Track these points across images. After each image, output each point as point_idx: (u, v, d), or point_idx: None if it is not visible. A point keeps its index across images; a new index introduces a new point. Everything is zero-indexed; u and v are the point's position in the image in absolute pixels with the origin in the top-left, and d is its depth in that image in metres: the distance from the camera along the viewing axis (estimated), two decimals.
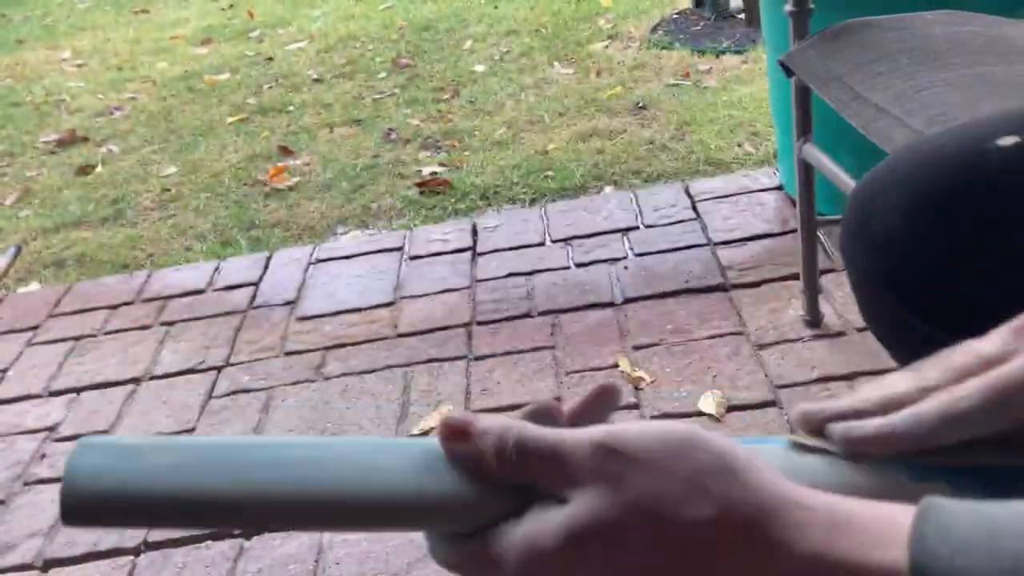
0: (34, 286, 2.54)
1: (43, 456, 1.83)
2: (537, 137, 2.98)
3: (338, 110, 3.45)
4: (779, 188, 2.38)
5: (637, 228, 2.31)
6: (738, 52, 3.41)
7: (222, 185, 2.97)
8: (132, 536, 1.60)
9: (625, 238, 2.28)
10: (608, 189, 2.60)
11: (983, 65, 1.28)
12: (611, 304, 2.03)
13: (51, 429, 1.91)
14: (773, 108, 2.32)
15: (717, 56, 3.41)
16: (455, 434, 0.41)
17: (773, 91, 2.26)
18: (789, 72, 1.55)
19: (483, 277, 2.21)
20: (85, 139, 3.53)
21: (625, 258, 2.19)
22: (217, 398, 1.91)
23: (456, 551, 0.41)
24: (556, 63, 3.61)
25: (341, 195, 2.79)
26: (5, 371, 2.12)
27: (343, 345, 2.03)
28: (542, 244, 2.32)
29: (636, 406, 1.71)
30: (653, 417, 1.68)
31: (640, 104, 3.10)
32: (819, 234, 1.98)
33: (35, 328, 2.28)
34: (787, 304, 1.93)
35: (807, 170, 1.72)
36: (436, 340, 2.00)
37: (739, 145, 2.72)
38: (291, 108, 3.54)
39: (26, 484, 1.77)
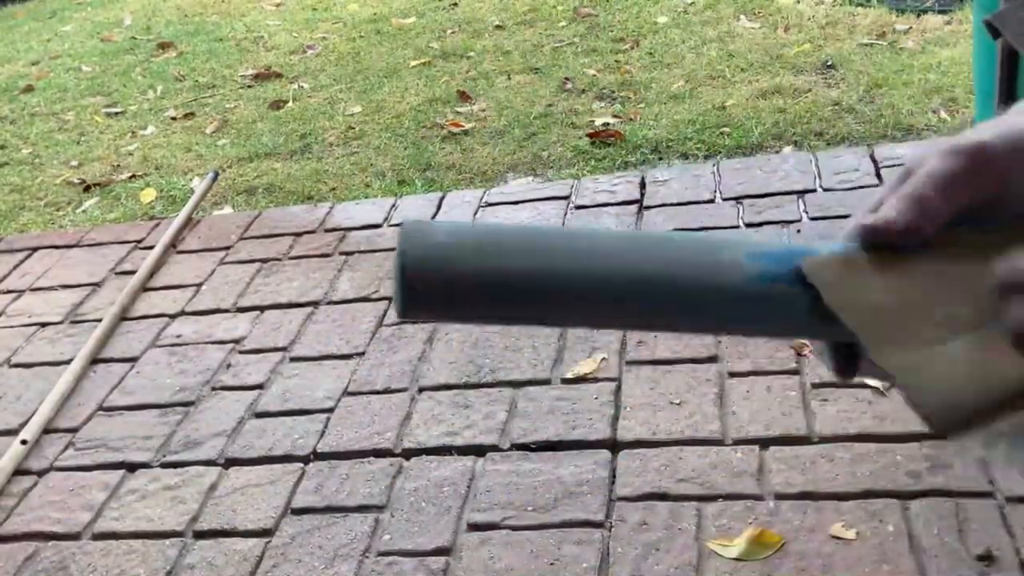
0: (227, 210, 2.74)
1: (228, 366, 2.00)
2: (716, 92, 2.91)
3: (517, 57, 3.48)
4: None
5: (814, 191, 2.23)
6: (943, 11, 3.19)
7: (402, 126, 3.08)
8: (302, 446, 1.72)
9: (800, 200, 2.21)
10: (787, 149, 2.52)
11: None
12: None
13: (237, 342, 2.07)
14: (975, 72, 2.17)
15: (918, 15, 3.20)
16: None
17: (977, 54, 2.11)
18: (996, 33, 1.45)
19: (648, 230, 2.20)
20: (279, 75, 3.73)
21: (799, 221, 2.13)
22: (387, 326, 2.02)
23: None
24: (743, 16, 3.50)
25: (514, 142, 2.84)
26: (199, 286, 2.31)
27: None
28: (712, 201, 2.28)
29: (797, 372, 1.68)
30: (814, 386, 1.65)
31: (828, 63, 2.96)
32: None
33: (227, 248, 2.46)
34: None
35: None
36: None
37: (933, 111, 2.57)
38: (472, 54, 3.61)
39: (213, 389, 1.93)
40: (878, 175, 2.25)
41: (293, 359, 1.97)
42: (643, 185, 2.41)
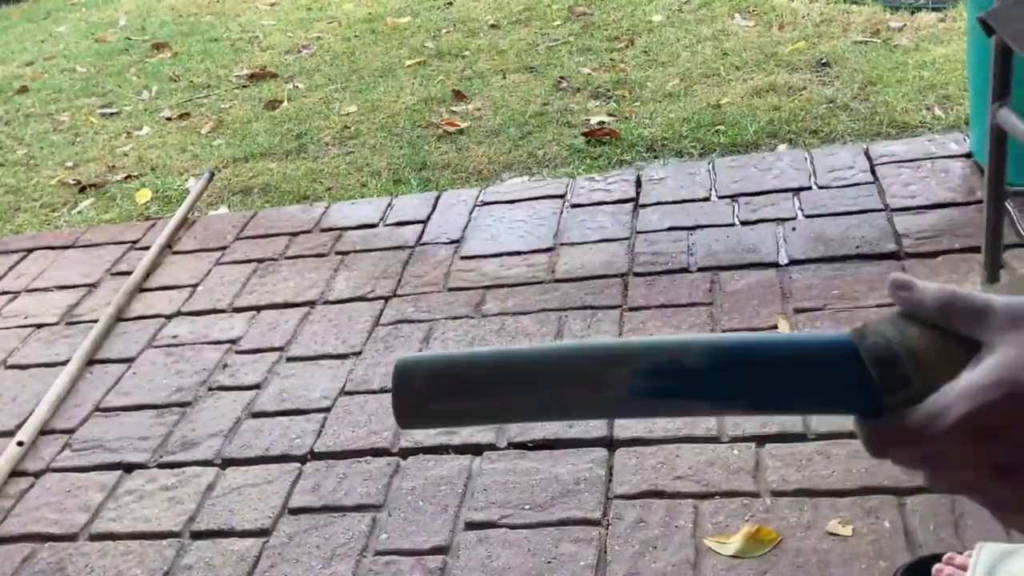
0: (223, 210, 2.73)
1: (225, 366, 2.00)
2: (711, 90, 2.92)
3: (512, 57, 3.49)
4: (967, 156, 2.24)
5: (809, 189, 2.24)
6: (936, 9, 3.19)
7: (397, 126, 3.08)
8: (299, 446, 1.72)
9: (796, 198, 2.21)
10: (782, 147, 2.52)
11: None
12: (775, 265, 1.98)
13: (233, 342, 2.07)
14: (969, 69, 2.18)
15: (912, 13, 3.21)
16: (903, 285, 0.51)
17: (971, 51, 2.12)
18: (990, 30, 1.45)
19: (643, 229, 2.20)
20: (274, 75, 3.73)
21: (794, 219, 2.13)
22: (383, 326, 2.02)
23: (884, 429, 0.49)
24: (737, 15, 3.50)
25: (509, 141, 2.84)
26: (196, 286, 2.31)
27: (502, 286, 2.09)
28: (707, 199, 2.28)
29: None
30: None
31: (823, 61, 2.97)
32: (1007, 205, 1.86)
33: (223, 249, 2.46)
34: (964, 278, 1.83)
35: (1000, 136, 1.62)
36: (592, 288, 2.02)
37: (927, 108, 2.57)
38: (467, 53, 3.61)
39: (210, 390, 1.93)
40: (873, 172, 2.26)
41: (290, 359, 1.98)
42: (639, 183, 2.41)
